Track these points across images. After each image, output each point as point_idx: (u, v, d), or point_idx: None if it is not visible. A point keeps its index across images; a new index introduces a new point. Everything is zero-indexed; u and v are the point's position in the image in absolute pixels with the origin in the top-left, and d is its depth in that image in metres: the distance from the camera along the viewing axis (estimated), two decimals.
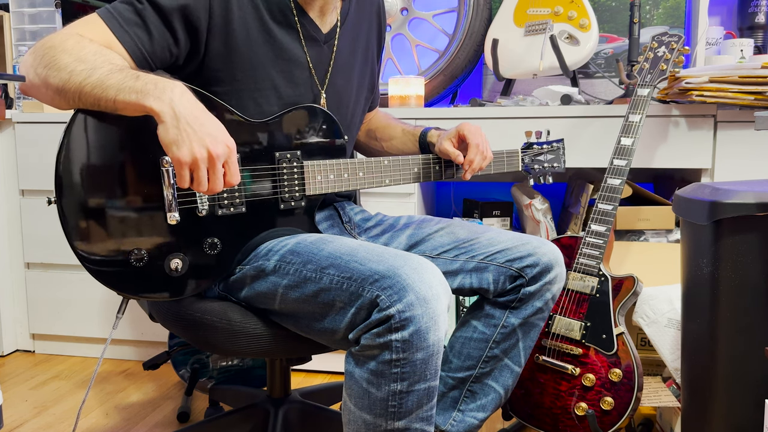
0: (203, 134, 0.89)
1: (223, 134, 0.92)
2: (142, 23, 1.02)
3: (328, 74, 1.20)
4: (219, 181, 0.92)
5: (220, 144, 0.90)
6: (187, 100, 0.90)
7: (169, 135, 0.89)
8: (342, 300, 0.96)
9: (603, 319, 1.41)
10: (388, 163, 1.20)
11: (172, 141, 0.89)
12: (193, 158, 0.89)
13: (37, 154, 2.09)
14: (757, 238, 1.08)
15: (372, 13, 1.32)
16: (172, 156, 0.89)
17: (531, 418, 1.49)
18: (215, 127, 0.91)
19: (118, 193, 0.97)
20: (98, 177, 0.96)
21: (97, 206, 0.96)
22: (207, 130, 0.90)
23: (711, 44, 2.02)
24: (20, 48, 2.24)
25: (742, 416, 1.13)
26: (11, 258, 2.19)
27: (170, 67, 1.09)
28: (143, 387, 1.94)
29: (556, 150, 1.41)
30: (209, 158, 0.90)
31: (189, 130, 0.88)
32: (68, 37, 0.96)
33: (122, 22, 1.01)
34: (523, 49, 1.93)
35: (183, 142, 0.88)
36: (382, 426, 0.95)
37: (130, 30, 1.01)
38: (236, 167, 0.93)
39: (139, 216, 0.99)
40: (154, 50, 1.03)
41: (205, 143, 0.89)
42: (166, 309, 1.15)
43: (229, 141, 0.92)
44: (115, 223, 0.97)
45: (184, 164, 0.89)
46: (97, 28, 0.99)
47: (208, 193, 0.93)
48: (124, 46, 1.00)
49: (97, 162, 0.96)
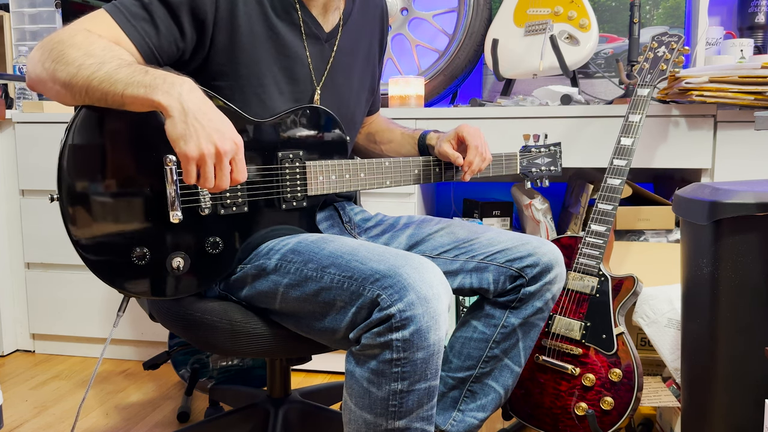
0: (211, 130, 0.89)
1: (230, 130, 0.91)
2: (149, 18, 1.02)
3: (326, 72, 1.20)
4: (226, 178, 0.91)
5: (227, 140, 0.90)
6: (196, 96, 0.90)
7: (177, 130, 0.88)
8: (343, 299, 0.96)
9: (603, 319, 1.41)
10: (389, 164, 1.20)
11: (179, 136, 0.88)
12: (201, 153, 0.88)
13: (37, 154, 2.09)
14: (757, 238, 1.08)
15: (375, 17, 1.33)
16: (179, 151, 0.89)
17: (531, 418, 1.49)
18: (223, 123, 0.91)
19: (121, 191, 0.97)
20: (101, 174, 0.96)
21: (99, 204, 0.96)
22: (215, 126, 0.89)
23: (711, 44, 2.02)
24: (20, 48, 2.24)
25: (742, 416, 1.13)
26: (11, 258, 2.19)
27: (176, 62, 1.09)
28: (143, 387, 1.94)
29: (553, 153, 1.42)
30: (216, 154, 0.89)
31: (197, 125, 0.88)
32: (77, 33, 0.96)
33: (129, 17, 1.01)
34: (523, 49, 1.93)
35: (191, 137, 0.88)
36: (382, 425, 0.95)
37: (137, 25, 1.01)
38: (243, 164, 0.93)
39: (141, 214, 0.99)
40: (162, 44, 1.03)
41: (212, 139, 0.89)
42: (166, 308, 1.15)
43: (236, 137, 0.92)
44: (117, 221, 0.97)
45: (191, 159, 0.89)
46: (104, 24, 0.99)
47: (214, 190, 0.92)
48: (132, 40, 1.00)
49: (100, 159, 0.96)
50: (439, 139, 1.26)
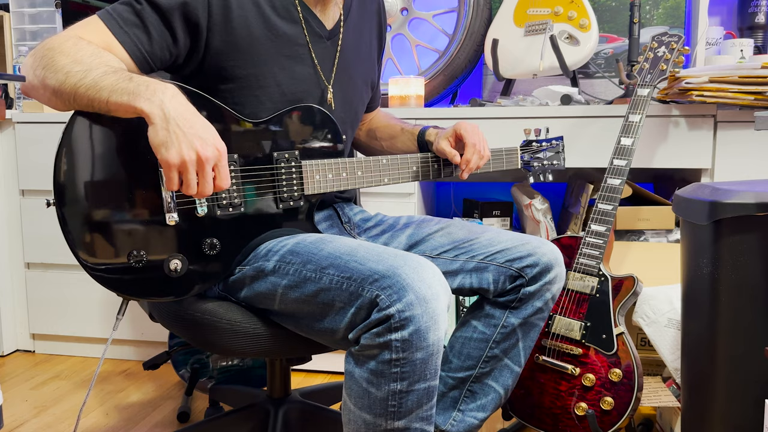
0: (193, 136, 0.88)
1: (213, 137, 0.91)
2: (141, 24, 1.02)
3: (334, 70, 1.20)
4: (208, 185, 0.91)
5: (209, 147, 0.90)
6: (178, 102, 0.90)
7: (159, 137, 0.88)
8: (342, 300, 0.96)
9: (603, 319, 1.41)
10: (387, 162, 1.20)
11: (161, 143, 0.88)
12: (182, 160, 0.88)
13: (37, 154, 2.09)
14: (756, 238, 1.08)
15: (373, 12, 1.33)
16: (160, 158, 0.89)
17: (531, 418, 1.49)
18: (205, 130, 0.91)
19: (116, 194, 0.97)
20: (97, 179, 0.96)
21: (96, 208, 0.96)
22: (197, 132, 0.89)
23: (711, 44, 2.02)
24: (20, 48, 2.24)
25: (742, 416, 1.12)
26: (11, 258, 2.19)
27: (170, 67, 1.09)
28: (143, 387, 1.94)
29: (556, 147, 1.40)
30: (198, 161, 0.89)
31: (178, 132, 0.88)
32: (67, 39, 0.96)
33: (121, 23, 1.01)
34: (523, 49, 1.93)
35: (172, 144, 0.88)
36: (382, 426, 0.95)
37: (129, 31, 1.01)
38: (226, 171, 0.93)
39: (138, 217, 0.99)
40: (154, 50, 1.03)
41: (194, 145, 0.88)
42: (166, 309, 1.15)
43: (219, 144, 0.91)
44: (114, 225, 0.97)
45: (173, 166, 0.88)
46: (96, 30, 1.00)
47: (197, 196, 0.92)
48: (124, 47, 1.00)
49: (95, 164, 0.96)
50: (438, 135, 1.25)
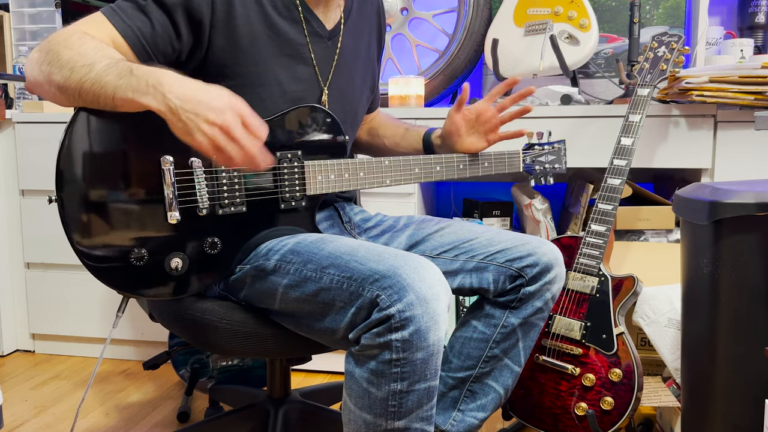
0: (206, 113, 0.88)
1: (224, 102, 0.90)
2: (145, 18, 1.02)
3: (332, 72, 1.20)
4: (249, 144, 0.90)
5: (225, 112, 0.89)
6: (179, 88, 0.90)
7: (178, 128, 0.90)
8: (342, 299, 0.96)
9: (603, 319, 1.41)
10: (389, 163, 1.20)
11: (182, 133, 0.89)
12: (209, 139, 0.89)
13: (37, 154, 2.09)
14: (757, 238, 1.08)
15: (372, 13, 1.32)
16: (191, 145, 0.90)
17: (531, 418, 1.49)
18: (213, 99, 0.90)
19: (118, 191, 0.97)
20: (99, 175, 0.96)
21: (97, 204, 0.96)
22: (207, 106, 0.89)
23: (711, 44, 2.02)
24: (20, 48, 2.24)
25: (741, 416, 1.12)
26: (11, 258, 2.19)
27: (173, 63, 1.09)
28: (143, 387, 1.94)
29: (557, 151, 1.41)
30: (223, 130, 0.89)
31: (191, 115, 0.88)
32: (71, 35, 0.97)
33: (125, 17, 1.01)
34: (523, 49, 1.93)
35: (192, 130, 0.88)
36: (382, 426, 0.95)
37: (132, 24, 1.01)
38: (255, 120, 0.92)
39: (139, 214, 0.99)
40: (156, 44, 1.03)
41: (210, 119, 0.88)
42: (166, 308, 1.15)
43: (233, 104, 0.90)
44: (115, 222, 0.97)
45: (206, 148, 0.89)
46: (100, 25, 1.00)
47: (248, 161, 0.91)
48: (126, 39, 1.01)
49: (98, 160, 0.96)
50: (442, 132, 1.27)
